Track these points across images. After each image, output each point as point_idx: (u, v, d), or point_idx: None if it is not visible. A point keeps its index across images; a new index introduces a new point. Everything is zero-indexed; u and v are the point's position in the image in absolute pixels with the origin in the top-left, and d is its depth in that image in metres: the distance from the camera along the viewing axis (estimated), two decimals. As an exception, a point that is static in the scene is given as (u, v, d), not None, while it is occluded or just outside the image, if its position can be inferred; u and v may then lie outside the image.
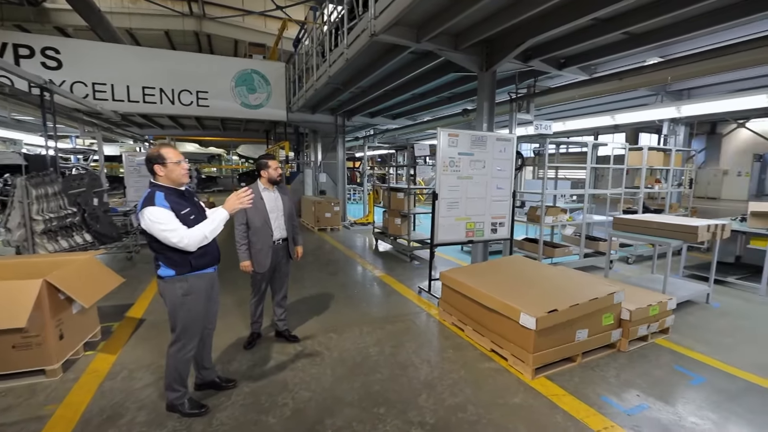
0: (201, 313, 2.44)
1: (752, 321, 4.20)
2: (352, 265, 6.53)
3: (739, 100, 6.76)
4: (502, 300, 3.23)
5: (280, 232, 3.35)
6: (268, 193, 3.30)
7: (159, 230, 2.12)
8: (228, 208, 2.34)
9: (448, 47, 5.08)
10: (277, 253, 3.35)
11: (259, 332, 3.62)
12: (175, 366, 2.40)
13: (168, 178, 2.29)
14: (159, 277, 2.32)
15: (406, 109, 10.00)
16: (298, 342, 3.60)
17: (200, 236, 2.22)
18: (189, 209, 2.29)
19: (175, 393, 2.47)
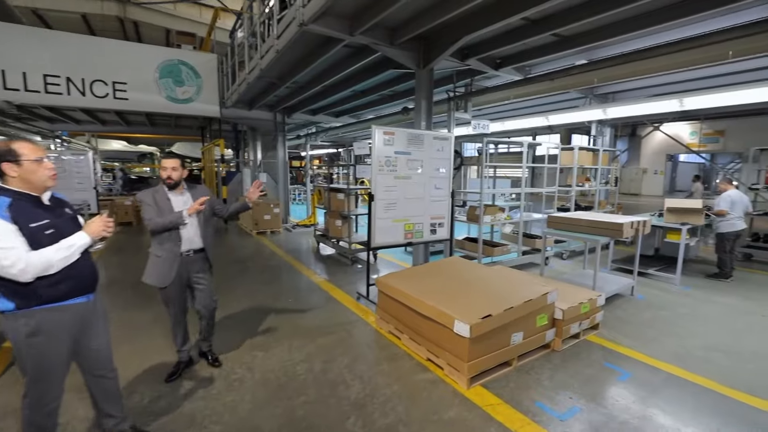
0: (60, 359, 1.88)
1: (670, 311, 4.44)
2: (289, 272, 6.13)
3: (655, 104, 7.28)
4: (436, 307, 3.07)
5: (191, 243, 2.86)
6: (176, 196, 2.84)
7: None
8: (90, 232, 1.89)
9: (383, 42, 4.87)
10: (186, 266, 2.86)
11: (188, 359, 3.12)
12: (30, 421, 1.88)
13: (24, 181, 1.78)
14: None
15: (349, 106, 9.71)
16: (218, 366, 3.16)
17: (43, 263, 1.71)
18: (46, 222, 1.78)
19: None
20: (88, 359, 2.04)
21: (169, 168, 2.79)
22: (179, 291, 2.90)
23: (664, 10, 4.08)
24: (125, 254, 7.15)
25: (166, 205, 2.78)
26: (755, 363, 3.30)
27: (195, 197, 2.88)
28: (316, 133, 12.58)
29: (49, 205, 1.89)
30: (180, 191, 2.87)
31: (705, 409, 2.68)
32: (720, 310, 4.50)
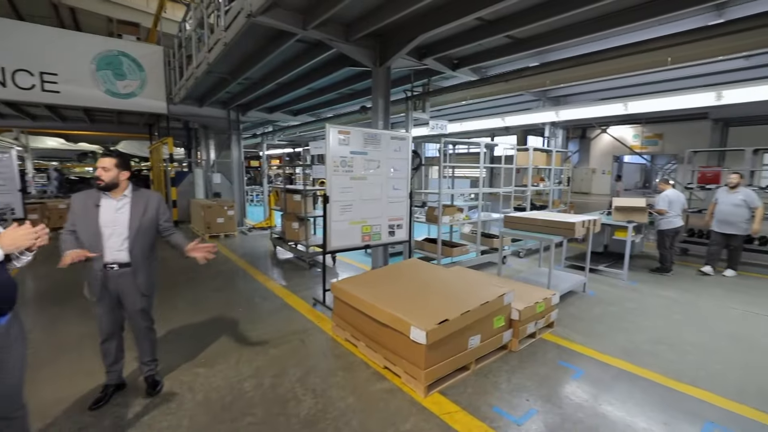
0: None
1: (618, 306, 4.61)
2: (242, 278, 5.80)
3: (602, 108, 7.65)
4: (392, 313, 2.95)
5: (114, 254, 2.47)
6: (108, 201, 2.49)
7: None
8: (4, 243, 1.51)
9: (338, 38, 4.71)
10: (112, 281, 2.49)
11: (118, 383, 2.76)
12: None
13: None
14: None
15: (307, 104, 9.44)
16: (158, 390, 2.80)
17: None
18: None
19: None
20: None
21: (99, 168, 2.45)
22: (108, 308, 2.56)
23: (611, 16, 4.23)
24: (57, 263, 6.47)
25: (92, 214, 2.43)
26: (695, 354, 3.46)
27: (136, 204, 2.54)
28: (274, 132, 12.13)
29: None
30: (118, 195, 2.50)
31: (653, 402, 2.74)
32: (663, 303, 4.73)
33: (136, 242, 2.52)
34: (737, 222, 5.57)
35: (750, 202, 5.52)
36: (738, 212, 5.56)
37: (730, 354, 3.47)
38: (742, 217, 5.55)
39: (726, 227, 5.68)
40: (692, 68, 6.85)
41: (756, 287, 5.35)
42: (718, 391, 2.88)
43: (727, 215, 5.66)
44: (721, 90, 6.35)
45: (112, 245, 2.47)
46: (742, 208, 5.53)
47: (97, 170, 2.46)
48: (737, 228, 5.59)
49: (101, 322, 2.58)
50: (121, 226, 2.48)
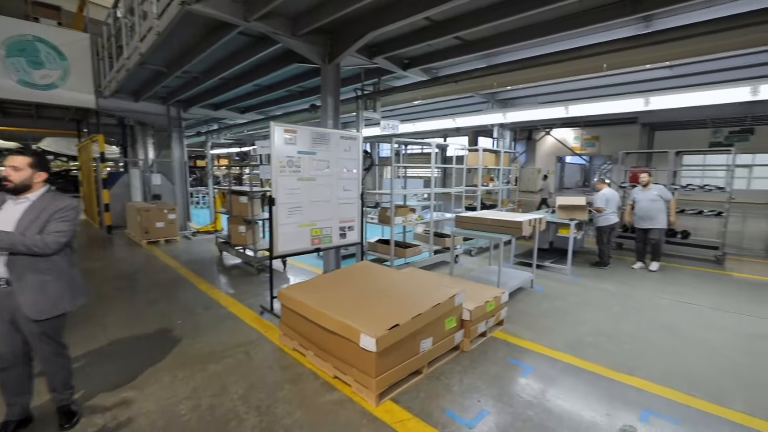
0: None
1: (563, 300, 4.81)
2: (183, 287, 5.37)
3: (546, 111, 8.02)
4: (340, 320, 2.82)
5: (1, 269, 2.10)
6: (11, 205, 2.17)
7: None
8: None
9: (284, 32, 4.49)
10: (2, 300, 2.13)
11: (22, 418, 2.35)
12: None
13: None
14: None
15: (255, 102, 9.02)
16: (74, 423, 2.43)
17: None
18: None
19: None
20: None
21: (8, 167, 2.11)
22: (3, 331, 2.18)
23: (553, 22, 4.42)
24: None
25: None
26: (631, 344, 3.66)
27: (32, 209, 2.16)
28: (219, 130, 11.47)
29: None
30: (20, 198, 2.17)
31: (596, 394, 2.84)
32: (602, 296, 5.00)
33: (16, 254, 2.09)
34: (656, 216, 6.00)
35: (664, 196, 5.98)
36: (655, 206, 5.98)
37: (661, 342, 3.71)
38: (659, 211, 5.99)
39: (646, 222, 6.09)
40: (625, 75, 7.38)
41: (681, 278, 5.83)
42: (652, 378, 3.05)
43: (646, 211, 6.06)
44: (649, 96, 6.87)
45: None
46: (658, 202, 5.97)
47: (5, 170, 2.10)
48: (657, 222, 6.00)
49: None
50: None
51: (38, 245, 2.07)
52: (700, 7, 3.98)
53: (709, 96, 6.26)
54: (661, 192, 6.02)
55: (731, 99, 6.18)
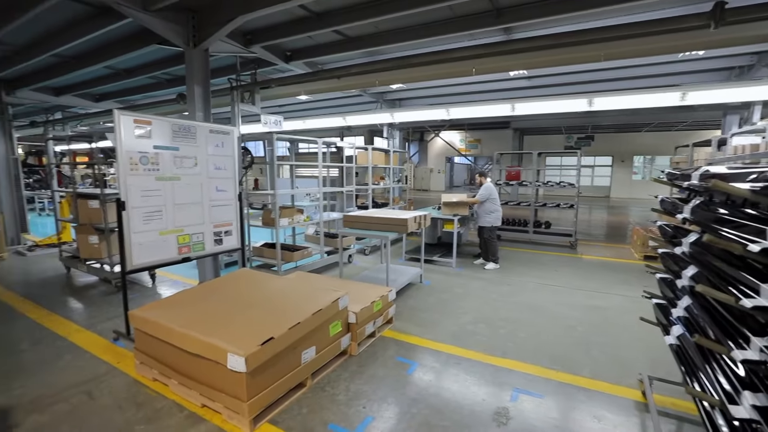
0: None
1: (449, 293, 5.06)
2: (7, 318, 4.21)
3: (430, 112, 8.48)
4: (205, 340, 2.44)
5: None
6: None
7: None
8: None
9: (132, 5, 3.79)
10: None
11: None
12: None
13: None
14: None
15: (112, 88, 7.67)
16: None
17: None
18: None
19: None
20: None
21: None
22: None
23: (430, 25, 4.60)
24: None
25: None
26: (505, 327, 3.98)
27: None
28: (64, 120, 9.46)
29: None
30: None
31: (474, 380, 2.97)
32: (482, 284, 5.40)
33: None
34: (481, 215, 6.27)
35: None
36: (481, 206, 6.20)
37: (529, 323, 4.10)
38: (483, 211, 6.21)
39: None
40: (495, 83, 8.18)
41: (545, 262, 6.67)
42: (521, 358, 3.33)
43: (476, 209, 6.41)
44: (515, 103, 7.74)
45: None
46: (485, 202, 6.17)
47: None
48: (481, 220, 6.29)
49: None
50: None
51: None
52: (553, 25, 4.52)
53: (557, 105, 7.31)
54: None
55: (573, 108, 7.30)
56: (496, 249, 6.31)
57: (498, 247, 6.41)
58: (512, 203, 8.65)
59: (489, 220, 6.15)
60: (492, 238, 6.24)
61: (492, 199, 6.16)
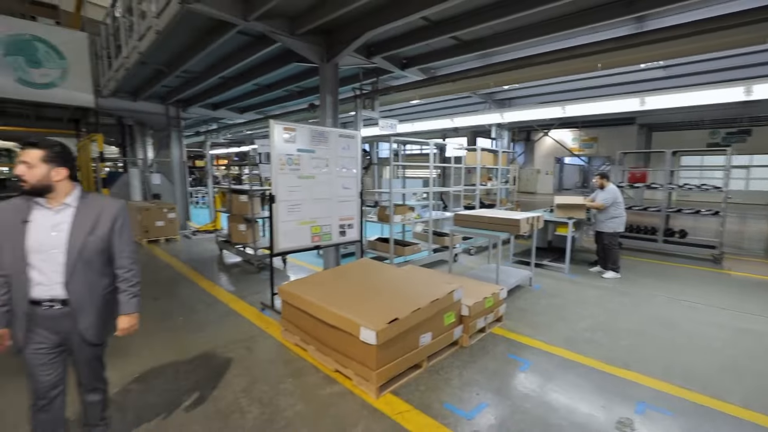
0: None
1: (561, 298, 4.86)
2: (183, 285, 5.40)
3: (543, 110, 8.09)
4: (341, 314, 2.86)
5: (49, 289, 1.76)
6: (42, 213, 1.76)
7: None
8: None
9: (283, 32, 4.54)
10: (49, 323, 1.79)
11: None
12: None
13: None
14: None
15: (254, 101, 9.06)
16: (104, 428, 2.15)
17: None
18: None
19: None
20: None
21: (20, 163, 1.71)
22: (43, 360, 1.82)
23: (548, 23, 4.49)
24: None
25: (16, 234, 1.71)
26: (628, 339, 3.71)
27: (82, 216, 1.80)
28: (219, 130, 11.51)
29: None
30: (56, 204, 1.77)
31: (592, 388, 2.89)
32: (599, 293, 5.05)
33: (76, 271, 1.77)
34: (602, 219, 5.72)
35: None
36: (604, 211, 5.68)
37: (658, 337, 3.75)
38: (606, 215, 5.66)
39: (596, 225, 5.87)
40: (621, 75, 7.46)
41: (679, 276, 5.88)
42: (647, 372, 3.10)
43: (595, 214, 5.86)
44: (644, 96, 6.95)
45: (40, 277, 1.74)
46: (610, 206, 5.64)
47: (18, 167, 1.72)
48: (602, 225, 5.74)
49: (33, 381, 1.83)
50: (58, 249, 1.75)
51: (136, 260, 1.98)
52: (693, 8, 4.05)
53: (703, 96, 6.34)
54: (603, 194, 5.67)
55: (725, 99, 6.25)
56: (616, 257, 5.78)
57: (619, 256, 5.87)
58: (636, 208, 7.76)
59: (611, 226, 5.67)
60: (613, 245, 5.74)
61: (617, 203, 5.66)
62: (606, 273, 5.76)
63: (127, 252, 1.93)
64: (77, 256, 1.76)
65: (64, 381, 1.92)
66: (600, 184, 5.89)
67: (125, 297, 1.94)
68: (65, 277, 1.75)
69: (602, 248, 5.86)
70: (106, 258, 1.88)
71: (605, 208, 5.65)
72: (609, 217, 5.68)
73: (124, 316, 1.95)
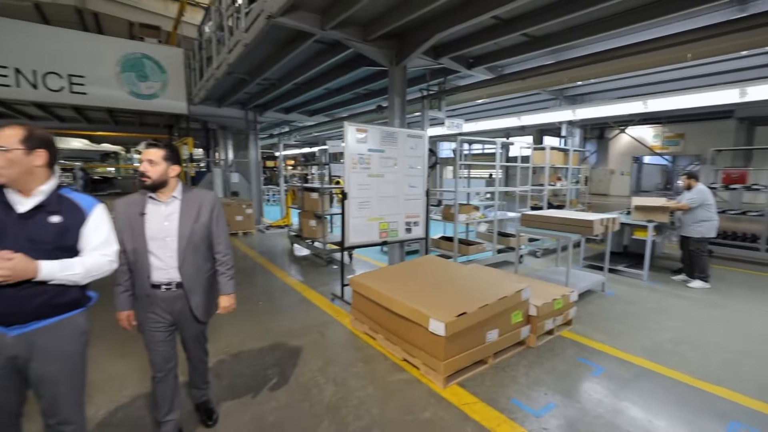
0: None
1: (639, 306, 4.55)
2: (261, 273, 5.92)
3: (621, 106, 7.54)
4: (411, 305, 3.00)
5: (166, 273, 2.00)
6: (155, 207, 2.01)
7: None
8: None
9: (356, 38, 4.79)
10: (166, 304, 2.04)
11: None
12: None
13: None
14: None
15: (323, 105, 9.57)
16: (213, 425, 2.41)
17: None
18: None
19: None
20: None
21: (145, 161, 1.96)
22: (161, 337, 2.09)
23: (629, 13, 4.21)
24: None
25: (137, 225, 1.96)
26: (718, 354, 3.40)
27: (187, 207, 2.04)
28: (290, 132, 12.31)
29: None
30: (166, 197, 2.01)
31: (675, 401, 2.72)
32: (684, 303, 4.65)
33: (187, 256, 2.02)
34: (687, 223, 5.25)
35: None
36: (690, 213, 5.21)
37: (756, 356, 3.39)
38: (691, 219, 5.19)
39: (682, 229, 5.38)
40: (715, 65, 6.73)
41: (782, 288, 5.20)
42: (744, 390, 2.83)
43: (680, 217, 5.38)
44: (746, 87, 6.20)
45: (159, 262, 2.00)
46: (696, 209, 5.16)
47: (142, 164, 1.97)
48: (688, 230, 5.26)
49: (152, 355, 2.11)
50: (171, 237, 2.00)
51: (230, 246, 2.22)
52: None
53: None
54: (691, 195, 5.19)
55: None
56: (705, 265, 5.25)
57: (708, 264, 5.32)
58: (732, 212, 6.95)
59: (699, 230, 5.17)
60: (701, 251, 5.23)
61: (706, 205, 5.13)
62: (692, 282, 5.27)
63: (223, 238, 2.17)
64: (186, 242, 2.01)
65: (176, 355, 2.19)
66: (687, 184, 5.39)
67: (224, 279, 2.18)
68: (179, 261, 2.00)
69: (688, 255, 5.36)
70: (209, 243, 2.13)
71: (691, 210, 5.17)
72: (697, 220, 5.18)
73: (224, 296, 2.20)
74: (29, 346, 1.53)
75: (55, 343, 1.58)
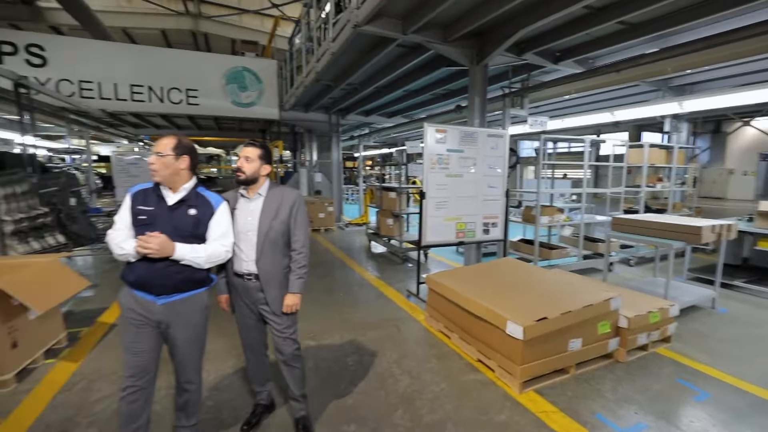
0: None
1: (762, 329, 3.92)
2: (341, 268, 6.30)
3: (744, 95, 6.47)
4: (488, 306, 2.99)
5: (249, 264, 2.13)
6: (243, 202, 2.18)
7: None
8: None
9: (437, 39, 4.84)
10: (248, 292, 2.19)
11: (267, 403, 2.49)
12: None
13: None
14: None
15: (401, 106, 9.78)
16: (304, 407, 2.41)
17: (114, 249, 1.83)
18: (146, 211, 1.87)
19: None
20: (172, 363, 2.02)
21: (242, 158, 2.11)
22: (247, 323, 2.29)
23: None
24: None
25: (233, 219, 2.15)
26: None
27: (269, 204, 2.15)
28: (369, 134, 12.79)
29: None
30: (252, 194, 2.16)
31: (803, 439, 2.33)
32: (825, 329, 3.89)
33: (263, 250, 2.12)
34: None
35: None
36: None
37: None
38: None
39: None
40: None
41: None
42: None
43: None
44: None
45: (241, 253, 2.14)
46: None
47: (239, 160, 2.12)
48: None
49: (243, 339, 2.35)
50: (252, 232, 2.12)
51: (307, 245, 2.25)
52: None
53: None
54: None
55: None
56: None
57: None
58: None
59: None
60: None
61: None
62: None
63: (300, 236, 2.20)
64: (264, 238, 2.11)
65: (266, 343, 2.39)
66: None
67: (293, 277, 2.20)
68: (257, 255, 2.11)
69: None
70: (287, 240, 2.19)
71: None
72: None
73: (290, 294, 2.20)
74: (171, 314, 1.89)
75: (188, 314, 1.94)
